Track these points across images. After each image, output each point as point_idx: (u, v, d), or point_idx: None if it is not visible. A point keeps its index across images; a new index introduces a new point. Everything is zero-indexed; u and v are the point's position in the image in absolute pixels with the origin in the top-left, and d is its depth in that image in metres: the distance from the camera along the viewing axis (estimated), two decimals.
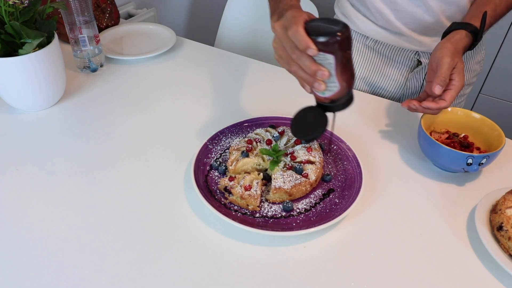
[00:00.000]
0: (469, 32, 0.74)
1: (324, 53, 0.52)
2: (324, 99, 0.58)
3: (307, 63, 0.53)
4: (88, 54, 0.94)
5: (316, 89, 0.55)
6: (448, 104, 0.69)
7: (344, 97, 0.57)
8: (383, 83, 0.99)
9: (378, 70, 0.98)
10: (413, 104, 0.70)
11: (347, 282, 0.55)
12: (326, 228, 0.61)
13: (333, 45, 0.51)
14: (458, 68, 0.70)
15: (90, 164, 0.72)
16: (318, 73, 0.53)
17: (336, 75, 0.54)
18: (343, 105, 0.59)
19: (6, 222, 0.61)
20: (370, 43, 0.97)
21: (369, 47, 0.98)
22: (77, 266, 0.55)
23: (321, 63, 0.53)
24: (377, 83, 1.00)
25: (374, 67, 0.99)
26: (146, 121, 0.82)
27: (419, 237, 0.61)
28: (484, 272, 0.57)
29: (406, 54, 0.94)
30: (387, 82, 0.99)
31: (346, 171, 0.69)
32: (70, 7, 0.87)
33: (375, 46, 0.96)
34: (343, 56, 0.52)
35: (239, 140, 0.71)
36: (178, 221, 0.62)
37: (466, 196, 0.68)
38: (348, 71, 0.55)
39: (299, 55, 0.54)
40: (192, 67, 1.01)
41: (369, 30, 0.95)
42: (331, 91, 0.56)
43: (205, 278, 0.54)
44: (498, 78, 1.83)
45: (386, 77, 0.98)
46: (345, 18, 0.99)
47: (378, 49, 0.96)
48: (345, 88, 0.56)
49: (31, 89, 0.79)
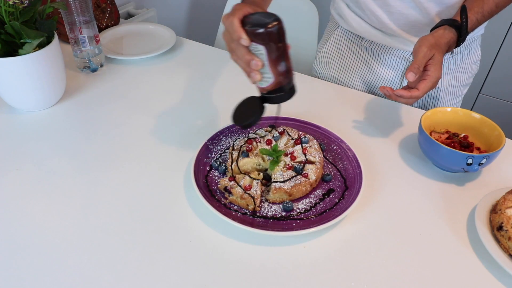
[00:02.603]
0: (452, 27, 0.74)
1: (256, 44, 0.56)
2: (262, 89, 0.62)
3: (242, 53, 0.57)
4: (88, 54, 0.94)
5: (253, 78, 0.59)
6: (421, 94, 0.69)
7: (283, 89, 0.60)
8: (379, 83, 1.00)
9: (374, 70, 0.99)
10: (387, 90, 0.70)
11: (347, 282, 0.55)
12: (326, 228, 0.61)
13: (263, 36, 0.55)
14: (435, 59, 0.70)
15: (90, 164, 0.72)
16: (252, 63, 0.57)
17: (269, 66, 0.58)
18: (283, 97, 0.62)
19: (6, 222, 0.61)
20: (365, 43, 0.97)
21: (365, 47, 0.98)
22: (77, 266, 0.55)
23: (255, 54, 0.57)
24: (373, 82, 1.00)
25: (370, 67, 0.99)
26: (146, 121, 0.82)
27: (419, 237, 0.61)
28: (484, 272, 0.57)
29: (401, 54, 0.94)
30: (383, 83, 0.99)
31: (346, 171, 0.69)
32: (70, 7, 0.87)
33: (370, 46, 0.96)
34: (276, 48, 0.56)
35: (239, 140, 0.71)
36: (178, 221, 0.62)
37: (466, 196, 0.68)
38: (282, 63, 0.58)
39: (236, 45, 0.57)
40: (192, 67, 1.01)
41: (364, 31, 0.95)
42: (266, 82, 0.60)
43: (205, 278, 0.54)
44: (498, 78, 1.83)
45: (381, 78, 0.99)
46: (341, 19, 1.00)
47: (373, 49, 0.96)
48: (281, 80, 0.59)
49: (31, 89, 0.79)
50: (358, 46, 0.99)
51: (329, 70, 1.05)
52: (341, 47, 1.02)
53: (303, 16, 1.32)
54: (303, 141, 0.71)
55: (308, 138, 0.71)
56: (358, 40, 0.98)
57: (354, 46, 1.00)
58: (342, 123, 0.83)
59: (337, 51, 1.03)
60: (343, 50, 1.02)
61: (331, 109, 0.87)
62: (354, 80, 1.02)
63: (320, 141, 0.76)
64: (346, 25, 0.98)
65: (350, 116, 0.86)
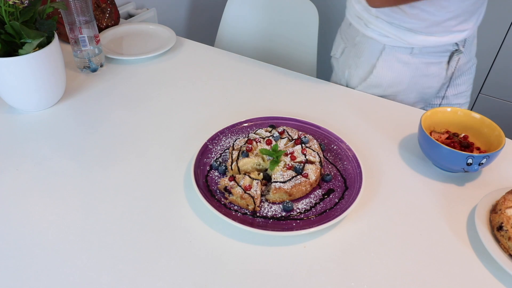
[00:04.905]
0: None
1: None
2: None
3: None
4: (88, 54, 0.94)
5: None
6: None
7: None
8: (428, 82, 0.97)
9: (423, 72, 0.95)
10: None
11: (347, 282, 0.55)
12: (326, 228, 0.61)
13: None
14: None
15: (90, 164, 0.72)
16: None
17: None
18: None
19: (6, 222, 0.61)
20: (415, 51, 0.92)
21: (415, 54, 0.93)
22: (77, 266, 0.55)
23: None
24: (423, 83, 0.97)
25: (420, 72, 0.95)
26: (146, 121, 0.82)
27: (419, 237, 0.61)
28: (484, 272, 0.57)
29: (445, 48, 0.92)
30: (432, 79, 0.97)
31: (346, 171, 0.70)
32: (70, 7, 0.87)
33: (419, 52, 0.92)
34: None
35: (239, 140, 0.71)
36: (178, 221, 0.62)
37: (466, 196, 0.68)
38: None
39: None
40: (192, 67, 1.01)
41: (413, 40, 0.90)
42: None
43: (205, 278, 0.54)
44: (498, 78, 1.83)
45: (430, 76, 0.96)
46: (385, 37, 0.93)
47: (424, 51, 0.93)
48: None
49: (31, 89, 0.79)
50: (408, 55, 0.94)
51: (383, 90, 1.00)
52: (393, 65, 0.96)
53: (303, 16, 1.32)
54: (303, 141, 0.71)
55: (308, 138, 0.72)
56: (407, 51, 0.93)
57: (404, 57, 0.94)
58: (342, 123, 0.83)
59: (389, 71, 0.97)
60: (395, 67, 0.96)
61: (331, 109, 0.87)
62: (408, 92, 0.99)
63: (320, 141, 0.76)
64: (394, 41, 0.92)
65: (350, 116, 0.86)
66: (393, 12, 0.88)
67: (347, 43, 1.02)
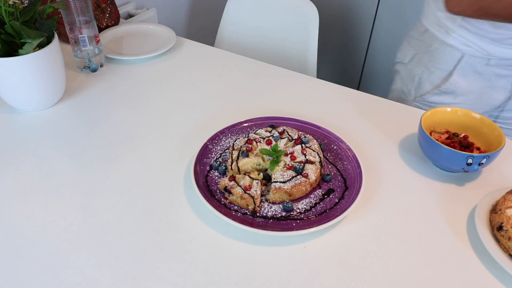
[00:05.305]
0: None
1: None
2: None
3: None
4: (88, 54, 0.94)
5: None
6: None
7: None
8: (494, 93, 0.97)
9: (492, 84, 0.95)
10: None
11: (347, 282, 0.55)
12: (326, 228, 0.61)
13: None
14: None
15: (90, 164, 0.72)
16: None
17: None
18: None
19: (6, 222, 0.61)
20: (492, 62, 0.92)
21: (490, 66, 0.93)
22: (77, 265, 0.55)
23: None
24: (490, 94, 0.97)
25: (490, 83, 0.95)
26: (146, 121, 0.82)
27: (419, 237, 0.61)
28: (484, 272, 0.57)
29: None
30: (498, 92, 0.96)
31: (346, 171, 0.70)
32: (70, 7, 0.87)
33: (495, 64, 0.92)
34: None
35: (239, 140, 0.71)
36: (178, 221, 0.62)
37: (466, 196, 0.68)
38: None
39: None
40: (192, 67, 1.01)
41: (494, 50, 0.90)
42: None
43: (205, 278, 0.54)
44: None
45: (497, 88, 0.96)
46: (466, 47, 0.92)
47: (500, 63, 0.92)
48: None
49: (31, 89, 0.79)
50: (484, 66, 0.93)
51: (453, 98, 1.00)
52: (469, 74, 0.95)
53: (303, 16, 1.32)
54: (303, 141, 0.71)
55: (308, 138, 0.72)
56: (484, 61, 0.93)
57: (480, 68, 0.94)
58: (342, 123, 0.83)
59: (464, 79, 0.96)
60: (470, 76, 0.96)
61: (331, 109, 0.87)
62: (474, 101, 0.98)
63: (320, 141, 0.76)
64: (473, 51, 0.92)
65: (350, 116, 0.86)
66: (479, 22, 0.87)
67: (418, 49, 1.02)
